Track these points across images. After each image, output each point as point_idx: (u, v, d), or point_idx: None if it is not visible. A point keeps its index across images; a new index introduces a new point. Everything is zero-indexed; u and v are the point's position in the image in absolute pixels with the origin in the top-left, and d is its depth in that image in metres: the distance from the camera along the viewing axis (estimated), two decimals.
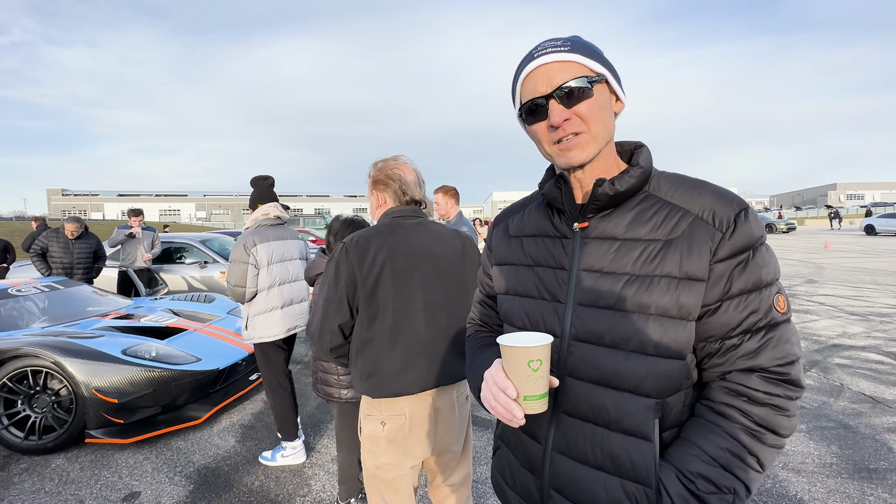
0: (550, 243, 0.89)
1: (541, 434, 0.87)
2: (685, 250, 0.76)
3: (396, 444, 1.48)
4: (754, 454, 0.74)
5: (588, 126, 0.78)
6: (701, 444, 0.75)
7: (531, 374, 0.74)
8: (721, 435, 0.75)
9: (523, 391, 0.75)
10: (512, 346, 0.75)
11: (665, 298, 0.75)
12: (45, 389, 3.14)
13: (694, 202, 0.78)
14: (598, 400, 0.80)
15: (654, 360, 0.76)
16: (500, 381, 0.78)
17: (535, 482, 0.89)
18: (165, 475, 2.83)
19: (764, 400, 0.74)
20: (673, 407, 0.79)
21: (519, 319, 0.91)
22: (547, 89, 0.78)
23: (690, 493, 0.73)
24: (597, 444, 0.80)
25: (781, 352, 0.75)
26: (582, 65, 0.79)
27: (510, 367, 0.76)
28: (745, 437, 0.74)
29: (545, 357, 0.75)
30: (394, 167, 1.59)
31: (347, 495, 2.37)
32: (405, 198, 1.58)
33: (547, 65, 0.79)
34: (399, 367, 1.46)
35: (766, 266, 0.76)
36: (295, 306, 2.95)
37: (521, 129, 0.89)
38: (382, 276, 1.45)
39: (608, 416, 0.79)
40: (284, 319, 2.87)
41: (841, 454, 2.88)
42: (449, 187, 3.77)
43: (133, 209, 6.30)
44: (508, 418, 0.76)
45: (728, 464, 0.73)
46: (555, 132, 0.79)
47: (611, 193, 0.80)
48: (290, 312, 2.91)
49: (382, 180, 1.58)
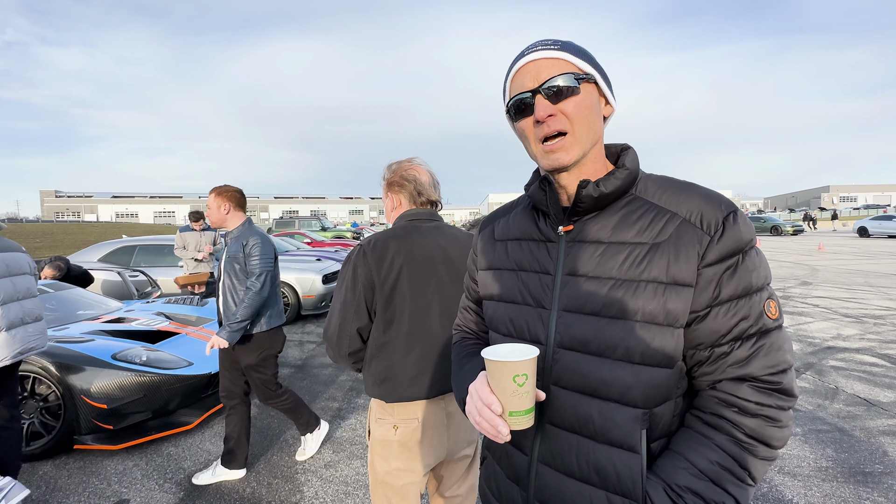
0: (535, 247, 0.87)
1: (526, 445, 0.85)
2: (672, 254, 0.73)
3: (409, 448, 1.46)
4: (745, 467, 0.71)
5: (573, 126, 0.76)
6: (690, 456, 0.73)
7: (517, 389, 0.72)
8: (711, 447, 0.72)
9: (508, 407, 0.73)
10: (497, 361, 0.72)
11: (651, 304, 0.73)
12: (33, 395, 3.09)
13: (681, 204, 0.76)
14: (583, 410, 0.77)
15: (640, 369, 0.74)
16: (484, 397, 0.75)
17: (520, 494, 0.87)
18: (155, 482, 2.79)
19: (755, 411, 0.72)
20: (661, 417, 0.76)
21: (503, 326, 0.89)
22: (534, 84, 0.77)
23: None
24: (582, 455, 0.78)
25: (773, 360, 0.72)
26: (570, 62, 0.78)
27: (495, 381, 0.73)
28: (735, 449, 0.72)
29: (531, 371, 0.72)
30: (408, 168, 1.57)
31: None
32: (421, 199, 1.57)
33: (536, 61, 0.78)
34: (414, 373, 1.45)
35: (757, 270, 0.74)
36: (28, 327, 2.50)
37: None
38: (400, 281, 1.44)
39: (594, 427, 0.77)
40: (10, 343, 2.42)
41: (836, 458, 2.88)
42: (226, 188, 2.77)
43: (195, 212, 6.29)
44: (493, 434, 0.74)
45: (718, 478, 0.71)
46: (539, 128, 0.78)
47: (595, 195, 0.78)
48: (18, 335, 2.46)
49: (397, 182, 1.56)
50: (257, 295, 2.64)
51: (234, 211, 2.82)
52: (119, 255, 7.43)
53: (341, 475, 2.84)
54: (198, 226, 6.30)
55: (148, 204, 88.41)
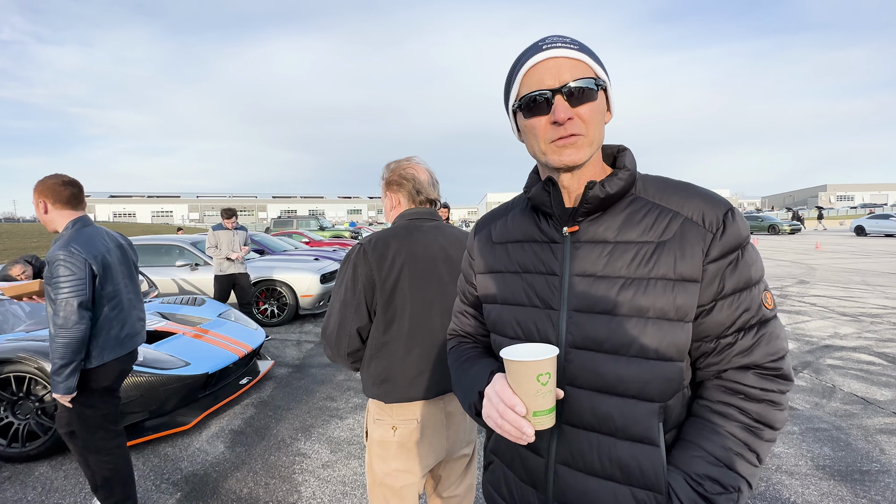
0: (539, 249, 0.87)
1: (542, 447, 0.85)
2: (678, 252, 0.76)
3: (408, 449, 1.46)
4: (754, 450, 0.76)
5: (587, 129, 0.77)
6: (704, 445, 0.77)
7: (540, 389, 0.72)
8: (723, 434, 0.76)
9: (532, 407, 0.73)
10: (520, 361, 0.72)
11: (662, 301, 0.75)
12: (29, 395, 3.07)
13: (683, 204, 0.79)
14: (602, 408, 0.78)
15: (656, 364, 0.76)
16: (507, 398, 0.74)
17: (538, 497, 0.86)
18: (152, 482, 2.78)
19: (760, 396, 0.77)
20: (673, 409, 0.80)
21: (510, 328, 0.88)
22: (555, 83, 0.75)
23: (699, 495, 0.74)
24: (604, 453, 0.79)
25: (773, 347, 0.77)
26: (591, 67, 0.78)
27: (517, 382, 0.73)
28: (744, 433, 0.76)
29: (553, 369, 0.72)
30: (406, 167, 1.57)
31: None
32: (420, 197, 1.56)
33: (556, 59, 0.76)
34: (414, 374, 1.44)
35: (755, 264, 0.78)
36: None
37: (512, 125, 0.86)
38: (401, 280, 1.43)
39: (615, 425, 0.78)
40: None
41: (833, 456, 2.88)
42: (46, 179, 2.08)
43: (227, 209, 6.00)
44: (517, 436, 0.74)
45: (731, 462, 0.75)
46: (556, 129, 0.77)
47: (601, 196, 0.79)
48: None
49: (396, 181, 1.56)
50: (65, 332, 1.94)
51: (55, 209, 2.09)
52: None
53: (339, 475, 2.84)
54: (230, 223, 5.95)
55: (146, 203, 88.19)
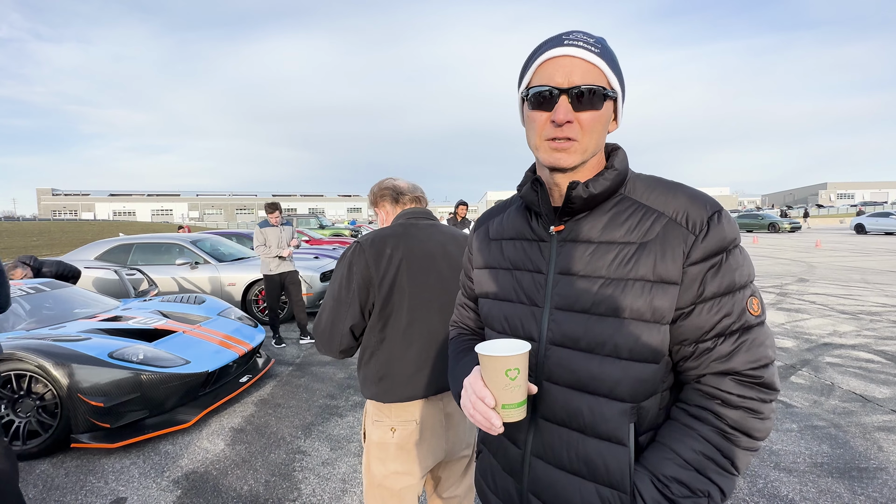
0: (528, 247, 0.89)
1: (520, 438, 0.88)
2: (659, 253, 0.75)
3: (407, 450, 1.46)
4: (729, 457, 0.74)
5: (583, 136, 0.77)
6: (675, 447, 0.75)
7: (509, 383, 0.74)
8: (695, 438, 0.75)
9: (501, 400, 0.76)
10: (489, 356, 0.75)
11: (639, 302, 0.75)
12: (30, 394, 3.08)
13: (668, 204, 0.78)
14: (573, 405, 0.80)
15: (628, 364, 0.76)
16: (478, 390, 0.78)
17: (515, 486, 0.90)
18: (153, 480, 2.79)
19: (738, 403, 0.74)
20: (649, 411, 0.79)
21: (499, 323, 0.91)
22: (564, 83, 0.76)
23: (665, 497, 0.74)
24: (572, 448, 0.81)
25: (755, 355, 0.75)
26: (604, 74, 0.77)
27: (488, 375, 0.76)
28: (719, 440, 0.74)
29: (523, 366, 0.75)
30: (384, 182, 1.70)
31: None
32: (404, 198, 1.64)
33: (572, 58, 0.76)
34: (412, 371, 1.44)
35: (740, 269, 0.76)
36: None
37: (517, 116, 0.87)
38: (399, 277, 1.44)
39: (583, 421, 0.79)
40: None
41: (832, 453, 2.89)
42: None
43: (270, 203, 5.66)
44: (487, 426, 0.77)
45: (702, 467, 0.74)
46: (552, 129, 0.77)
47: (584, 196, 0.80)
48: None
49: (378, 194, 1.68)
50: None
51: None
52: (116, 253, 7.40)
53: (339, 472, 2.85)
54: (275, 219, 5.58)
55: (145, 202, 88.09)
